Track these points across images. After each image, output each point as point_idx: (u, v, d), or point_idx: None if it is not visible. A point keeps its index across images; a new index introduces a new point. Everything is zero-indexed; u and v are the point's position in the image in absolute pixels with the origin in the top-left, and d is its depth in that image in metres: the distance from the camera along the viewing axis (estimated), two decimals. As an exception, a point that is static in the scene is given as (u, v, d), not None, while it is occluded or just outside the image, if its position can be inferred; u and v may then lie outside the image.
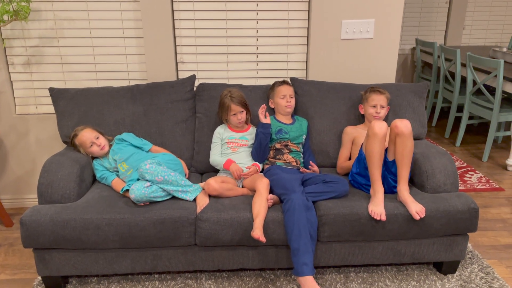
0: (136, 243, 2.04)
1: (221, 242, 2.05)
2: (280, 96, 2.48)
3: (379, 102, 2.41)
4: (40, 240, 1.99)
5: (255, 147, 2.39)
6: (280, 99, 2.48)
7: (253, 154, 2.41)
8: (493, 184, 3.36)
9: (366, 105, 2.45)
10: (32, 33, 2.69)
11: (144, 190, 2.06)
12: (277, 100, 2.49)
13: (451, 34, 5.28)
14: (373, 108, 2.41)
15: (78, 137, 2.31)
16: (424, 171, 2.23)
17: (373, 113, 2.41)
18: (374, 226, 2.06)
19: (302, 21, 2.78)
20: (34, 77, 2.78)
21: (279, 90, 2.50)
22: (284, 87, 2.51)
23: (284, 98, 2.48)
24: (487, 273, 2.26)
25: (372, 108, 2.42)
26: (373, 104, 2.41)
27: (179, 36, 2.76)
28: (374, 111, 2.41)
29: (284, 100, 2.48)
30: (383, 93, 2.45)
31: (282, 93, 2.48)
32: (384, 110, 2.43)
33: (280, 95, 2.48)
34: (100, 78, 2.81)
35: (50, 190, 2.11)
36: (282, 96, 2.48)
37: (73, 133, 2.35)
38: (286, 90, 2.50)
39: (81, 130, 2.32)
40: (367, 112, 2.45)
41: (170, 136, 2.52)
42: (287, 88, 2.51)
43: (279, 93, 2.49)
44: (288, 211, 2.00)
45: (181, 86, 2.58)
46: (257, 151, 2.38)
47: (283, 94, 2.48)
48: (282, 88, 2.50)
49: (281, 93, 2.48)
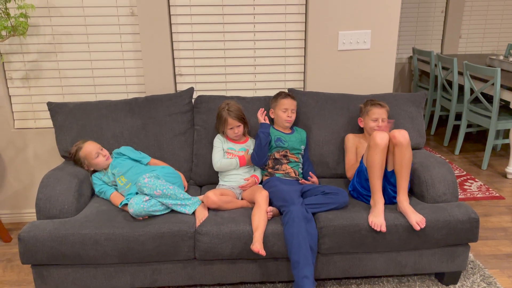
0: (135, 258, 2.02)
1: (220, 256, 2.04)
2: (282, 109, 2.45)
3: (381, 115, 2.40)
4: (39, 256, 1.98)
5: (255, 148, 2.36)
6: (281, 112, 2.45)
7: (253, 156, 2.37)
8: (493, 192, 3.36)
9: (367, 118, 2.43)
10: (30, 48, 2.70)
11: (143, 204, 2.05)
12: (278, 112, 2.47)
13: (448, 43, 5.31)
14: (375, 121, 2.40)
15: (83, 149, 2.30)
16: (424, 181, 2.23)
17: (375, 126, 2.39)
18: (374, 237, 2.05)
19: (299, 32, 2.79)
20: (32, 91, 2.78)
21: (282, 102, 2.46)
22: (288, 101, 2.46)
23: (286, 112, 2.45)
24: (489, 283, 2.24)
25: (374, 121, 2.40)
26: (374, 118, 2.39)
27: (177, 49, 2.77)
28: (375, 125, 2.39)
29: (286, 114, 2.44)
30: (384, 106, 2.43)
31: (285, 106, 2.45)
32: (385, 123, 2.41)
33: (282, 108, 2.45)
34: (99, 91, 2.82)
35: (49, 205, 2.10)
36: (284, 109, 2.45)
37: (75, 148, 2.33)
38: (289, 104, 2.46)
39: (83, 143, 2.32)
40: (367, 125, 2.42)
41: (168, 149, 2.52)
42: (290, 102, 2.46)
43: (281, 106, 2.46)
44: (288, 224, 1.99)
45: (179, 99, 2.58)
46: (257, 152, 2.35)
47: (285, 108, 2.45)
48: (286, 101, 2.46)
49: (284, 106, 2.45)
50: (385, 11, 2.73)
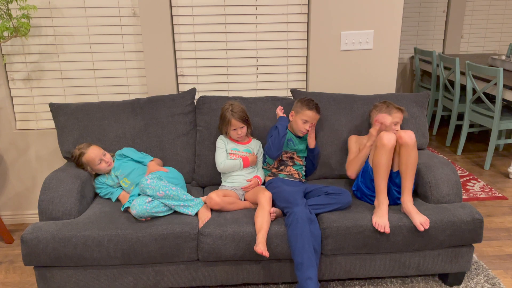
0: (138, 259, 2.02)
1: (223, 257, 2.03)
2: (303, 119, 2.36)
3: (401, 121, 2.40)
4: (41, 258, 1.97)
5: (273, 139, 2.30)
6: (301, 122, 2.36)
7: (269, 148, 2.32)
8: (495, 192, 3.35)
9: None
10: (32, 49, 2.70)
11: (146, 206, 2.04)
12: (298, 120, 2.37)
13: (449, 43, 5.30)
14: (396, 125, 2.38)
15: (86, 155, 2.29)
16: (427, 181, 2.22)
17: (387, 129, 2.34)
18: (378, 238, 2.04)
19: (301, 33, 2.78)
20: (34, 92, 2.78)
21: (306, 114, 2.35)
22: (312, 114, 2.35)
23: (306, 124, 2.36)
24: (493, 284, 2.23)
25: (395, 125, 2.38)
26: (396, 121, 2.38)
27: (179, 50, 2.77)
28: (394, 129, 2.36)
29: (304, 126, 2.36)
30: (403, 111, 2.41)
31: (306, 118, 2.35)
32: (398, 126, 2.40)
33: (304, 118, 2.35)
34: (101, 92, 2.81)
35: (51, 206, 2.09)
36: (305, 120, 2.36)
37: (78, 152, 2.31)
38: (312, 117, 2.36)
39: (87, 148, 2.30)
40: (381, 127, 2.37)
41: (171, 150, 2.51)
42: (314, 116, 2.36)
43: (303, 116, 2.35)
44: (291, 225, 1.98)
45: (181, 100, 2.58)
46: (273, 143, 2.29)
47: (306, 120, 2.35)
48: (310, 113, 2.35)
49: (306, 117, 2.35)
50: (388, 11, 2.72)
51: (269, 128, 2.50)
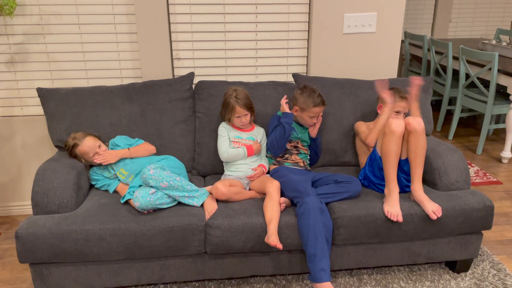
0: (143, 254, 1.91)
1: (232, 250, 1.95)
2: (310, 116, 2.26)
3: (405, 110, 2.32)
4: (38, 254, 1.85)
5: (278, 137, 2.20)
6: (308, 118, 2.27)
7: (273, 145, 2.22)
8: (490, 177, 3.37)
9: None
10: (16, 29, 2.50)
11: (149, 197, 1.93)
12: (305, 117, 2.27)
13: (438, 27, 5.29)
14: (397, 113, 2.31)
15: (80, 147, 2.14)
16: (436, 168, 2.18)
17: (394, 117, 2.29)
18: (390, 227, 2.00)
19: (303, 15, 2.68)
20: (18, 76, 2.59)
21: (313, 111, 2.24)
22: (319, 109, 2.26)
23: (313, 118, 2.28)
24: (498, 269, 2.24)
25: (396, 113, 2.31)
26: (398, 110, 2.31)
27: (175, 31, 2.62)
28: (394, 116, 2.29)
29: (312, 120, 2.28)
30: (408, 99, 2.34)
31: (314, 114, 2.26)
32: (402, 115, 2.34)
33: (311, 115, 2.26)
34: (91, 76, 2.65)
35: (46, 199, 1.95)
36: (313, 116, 2.26)
37: (72, 142, 2.15)
38: (319, 112, 2.27)
39: (83, 139, 2.15)
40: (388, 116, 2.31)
41: (169, 138, 2.39)
42: (320, 110, 2.27)
43: (310, 113, 2.25)
44: (303, 215, 1.91)
45: (179, 84, 2.45)
46: (278, 142, 2.20)
47: (314, 115, 2.27)
48: (317, 110, 2.25)
49: (313, 114, 2.25)
50: (392, -7, 2.64)
51: (271, 114, 2.41)
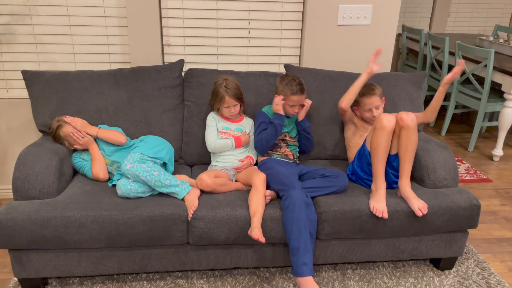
0: (124, 242, 1.89)
1: (215, 241, 1.93)
2: (290, 104, 2.21)
3: (373, 104, 2.25)
4: (17, 240, 1.82)
5: (267, 136, 2.17)
6: (289, 107, 2.22)
7: (261, 143, 2.19)
8: (480, 175, 3.36)
9: (361, 109, 2.30)
10: (1, 9, 2.43)
11: (130, 186, 1.92)
12: (286, 106, 2.22)
13: (436, 21, 5.23)
14: (369, 112, 2.28)
15: (64, 128, 2.10)
16: (425, 165, 2.16)
17: (370, 116, 2.27)
18: (375, 223, 1.98)
19: (297, 4, 2.62)
20: (4, 58, 2.53)
21: (291, 99, 2.19)
22: (297, 97, 2.19)
23: (293, 107, 2.22)
24: (483, 268, 2.23)
25: (368, 112, 2.28)
26: (368, 108, 2.27)
27: (166, 17, 2.56)
28: (370, 115, 2.27)
29: (293, 109, 2.23)
30: (374, 93, 2.26)
31: (293, 102, 2.20)
32: (380, 109, 2.29)
33: (290, 103, 2.20)
34: (78, 60, 2.59)
35: (27, 185, 1.92)
36: (292, 105, 2.22)
37: (56, 124, 2.12)
38: (298, 100, 2.21)
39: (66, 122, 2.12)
40: (363, 115, 2.30)
41: (157, 126, 2.35)
42: (299, 99, 2.21)
43: (289, 102, 2.20)
44: (288, 208, 1.89)
45: (168, 72, 2.40)
46: (267, 141, 2.18)
47: (294, 104, 2.21)
48: (295, 98, 2.19)
49: (292, 102, 2.20)
50: (388, -15, 2.59)
51: (261, 105, 2.37)
